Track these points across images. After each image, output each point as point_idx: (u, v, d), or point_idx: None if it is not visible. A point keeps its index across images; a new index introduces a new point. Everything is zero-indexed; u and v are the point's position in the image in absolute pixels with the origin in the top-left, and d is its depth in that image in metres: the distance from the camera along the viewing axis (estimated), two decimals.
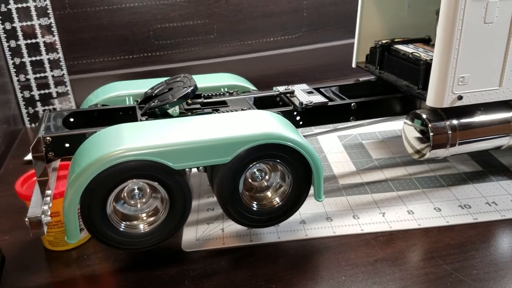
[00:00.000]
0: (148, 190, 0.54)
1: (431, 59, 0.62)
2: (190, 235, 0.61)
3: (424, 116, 0.63)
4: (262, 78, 1.08)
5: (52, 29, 0.98)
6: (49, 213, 0.51)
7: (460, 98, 0.61)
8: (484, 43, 0.59)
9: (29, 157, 0.85)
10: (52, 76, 1.02)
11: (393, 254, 0.56)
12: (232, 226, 0.62)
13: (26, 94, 1.01)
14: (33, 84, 1.01)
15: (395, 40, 0.75)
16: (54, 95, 1.03)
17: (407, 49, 0.71)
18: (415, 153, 0.66)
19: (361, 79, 0.79)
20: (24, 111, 1.02)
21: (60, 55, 1.01)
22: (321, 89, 0.72)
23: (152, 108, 0.60)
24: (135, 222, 0.54)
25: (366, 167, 0.76)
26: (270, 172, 0.58)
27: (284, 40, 1.14)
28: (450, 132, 0.62)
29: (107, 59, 1.05)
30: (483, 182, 0.69)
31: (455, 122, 0.63)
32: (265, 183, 0.59)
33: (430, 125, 0.62)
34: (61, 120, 0.61)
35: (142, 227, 0.54)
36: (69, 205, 0.49)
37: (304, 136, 0.57)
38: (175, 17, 1.05)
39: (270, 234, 0.60)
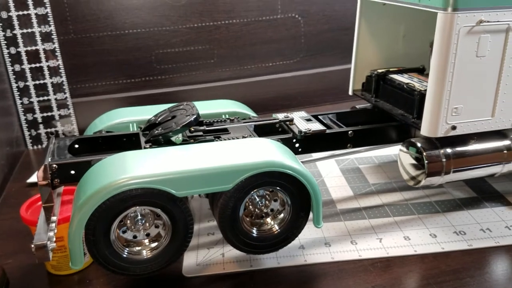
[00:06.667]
0: (150, 217, 0.56)
1: (425, 90, 0.64)
2: (191, 260, 0.62)
3: (419, 144, 0.65)
4: (261, 102, 1.11)
5: (56, 53, 1.01)
6: (54, 239, 0.52)
7: (453, 128, 0.63)
8: (477, 75, 0.61)
9: (31, 179, 0.87)
10: (55, 99, 1.03)
11: (390, 280, 0.57)
12: (232, 251, 0.63)
13: (29, 116, 1.03)
14: (36, 107, 1.03)
15: (391, 69, 0.78)
16: (57, 117, 1.05)
17: (402, 79, 0.74)
18: (410, 180, 0.67)
19: (357, 106, 0.81)
20: (26, 133, 1.04)
21: (64, 78, 1.03)
22: (319, 116, 0.74)
23: (155, 135, 0.61)
24: (137, 248, 0.55)
25: (363, 192, 0.77)
26: (270, 198, 0.60)
27: (282, 65, 1.17)
28: (444, 160, 0.64)
29: (109, 82, 1.08)
30: (478, 208, 0.71)
31: (449, 150, 0.65)
32: (265, 210, 0.60)
33: (425, 154, 0.64)
34: (66, 147, 0.63)
35: (145, 253, 0.55)
36: (75, 232, 0.50)
37: (302, 161, 0.59)
38: (176, 43, 1.08)
39: (269, 260, 0.61)
